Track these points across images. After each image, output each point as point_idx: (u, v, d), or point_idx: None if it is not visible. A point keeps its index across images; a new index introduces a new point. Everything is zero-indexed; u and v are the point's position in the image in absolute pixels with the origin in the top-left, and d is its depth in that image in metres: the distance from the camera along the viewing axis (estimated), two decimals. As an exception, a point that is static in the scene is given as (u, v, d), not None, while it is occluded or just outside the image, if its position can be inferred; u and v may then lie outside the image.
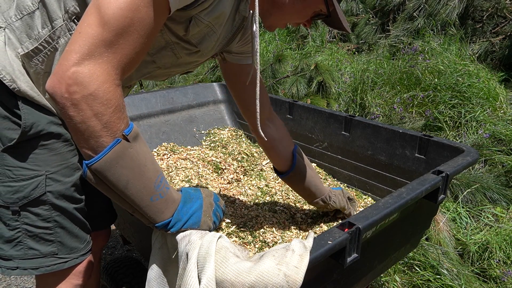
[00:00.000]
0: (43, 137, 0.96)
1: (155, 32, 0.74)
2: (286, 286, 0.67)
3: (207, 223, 0.89)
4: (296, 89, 3.32)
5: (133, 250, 2.30)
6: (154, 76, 1.06)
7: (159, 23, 0.74)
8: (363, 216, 0.87)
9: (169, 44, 0.90)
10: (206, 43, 0.92)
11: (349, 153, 1.71)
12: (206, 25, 0.86)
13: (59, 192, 0.99)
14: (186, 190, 0.92)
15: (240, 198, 1.60)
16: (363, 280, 1.15)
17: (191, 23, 0.83)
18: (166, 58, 0.95)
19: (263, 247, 1.29)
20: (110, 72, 0.68)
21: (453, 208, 2.14)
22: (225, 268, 0.69)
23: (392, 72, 3.35)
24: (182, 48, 0.92)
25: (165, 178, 0.83)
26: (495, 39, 3.90)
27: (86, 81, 0.66)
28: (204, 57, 1.03)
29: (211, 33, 0.90)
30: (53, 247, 1.01)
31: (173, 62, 0.98)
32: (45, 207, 0.98)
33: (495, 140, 2.56)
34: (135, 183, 0.75)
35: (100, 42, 0.67)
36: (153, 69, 1.00)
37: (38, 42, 0.89)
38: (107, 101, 0.68)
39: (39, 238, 0.99)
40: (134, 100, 2.05)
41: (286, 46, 4.88)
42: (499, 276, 1.82)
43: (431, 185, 1.04)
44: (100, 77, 0.67)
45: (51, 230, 1.00)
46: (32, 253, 0.99)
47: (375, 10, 5.28)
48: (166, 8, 0.73)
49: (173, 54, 0.94)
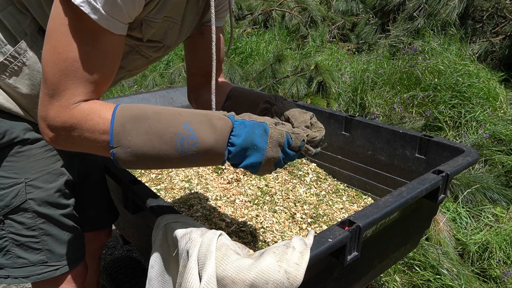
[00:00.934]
0: (19, 144, 0.94)
1: (114, 53, 0.75)
2: (287, 283, 0.67)
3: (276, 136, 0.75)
4: (296, 89, 3.32)
5: (133, 250, 2.30)
6: (130, 75, 1.06)
7: (115, 49, 0.75)
8: (364, 215, 0.87)
9: (133, 47, 0.89)
10: (170, 36, 0.91)
11: (349, 153, 1.71)
12: (163, 21, 0.84)
13: (42, 199, 0.97)
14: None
15: (240, 198, 1.60)
16: (363, 279, 1.15)
17: (142, 26, 0.82)
18: (135, 61, 0.94)
19: (263, 247, 1.29)
20: (67, 106, 0.71)
21: (453, 208, 2.14)
22: (225, 265, 0.69)
23: (392, 72, 3.35)
24: (147, 47, 0.91)
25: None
26: (495, 39, 3.90)
27: (56, 131, 0.72)
28: (176, 45, 1.00)
29: (172, 25, 0.88)
30: (42, 256, 0.99)
31: (144, 63, 0.98)
32: (28, 215, 0.96)
33: (495, 140, 2.56)
34: (157, 131, 0.72)
35: (50, 89, 0.71)
36: (125, 73, 0.99)
37: (4, 57, 0.88)
38: (81, 124, 0.71)
39: (26, 247, 0.98)
40: (134, 100, 2.05)
41: (286, 46, 4.88)
42: (499, 276, 1.82)
43: (431, 184, 1.04)
44: (61, 118, 0.71)
45: (37, 238, 0.98)
46: (21, 262, 0.98)
47: (375, 10, 5.28)
48: (112, 35, 0.72)
49: (141, 56, 0.93)
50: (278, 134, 0.74)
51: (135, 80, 4.52)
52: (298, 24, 5.22)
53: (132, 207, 1.06)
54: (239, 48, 4.78)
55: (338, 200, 1.61)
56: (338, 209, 1.54)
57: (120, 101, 1.96)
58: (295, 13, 5.36)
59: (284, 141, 0.74)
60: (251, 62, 4.40)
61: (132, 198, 1.04)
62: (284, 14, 5.46)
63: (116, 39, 0.74)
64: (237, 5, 5.65)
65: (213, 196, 1.60)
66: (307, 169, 1.81)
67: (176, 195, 1.64)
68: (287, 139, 0.75)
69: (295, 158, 0.79)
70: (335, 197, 1.63)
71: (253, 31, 5.35)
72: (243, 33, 5.15)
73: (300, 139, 0.76)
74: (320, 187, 1.70)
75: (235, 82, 3.79)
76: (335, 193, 1.66)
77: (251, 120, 0.75)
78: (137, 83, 4.44)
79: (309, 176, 1.76)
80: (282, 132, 0.75)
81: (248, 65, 4.27)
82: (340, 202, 1.59)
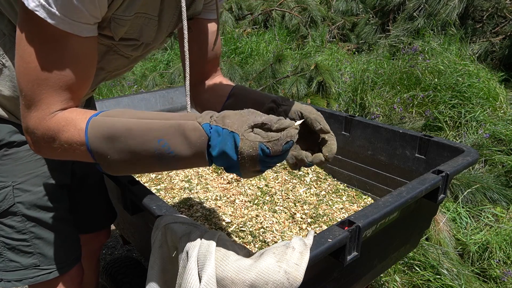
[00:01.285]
0: (5, 147, 0.93)
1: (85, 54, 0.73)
2: (287, 283, 0.67)
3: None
4: (296, 89, 3.32)
5: (133, 250, 2.30)
6: (115, 76, 1.01)
7: (83, 51, 0.72)
8: (363, 215, 0.87)
9: (110, 47, 0.85)
10: (147, 33, 0.86)
11: (349, 153, 1.71)
12: (135, 18, 0.79)
13: (30, 202, 0.96)
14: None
15: (240, 198, 1.60)
16: (363, 279, 1.15)
17: (111, 25, 0.77)
18: (114, 61, 0.91)
19: (263, 247, 1.29)
20: (44, 117, 0.71)
21: (453, 208, 2.14)
22: (225, 265, 0.69)
23: (392, 72, 3.35)
24: (125, 46, 0.87)
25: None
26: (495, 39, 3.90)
27: (37, 141, 0.73)
28: (158, 42, 0.95)
29: (147, 21, 0.83)
30: (34, 259, 0.98)
31: (125, 63, 0.94)
32: (17, 218, 0.95)
33: (495, 140, 2.56)
34: (134, 141, 0.69)
35: (26, 101, 0.71)
36: (106, 74, 0.96)
37: None
38: (58, 136, 0.71)
39: (18, 251, 0.97)
40: (133, 100, 2.05)
41: (286, 46, 4.88)
42: (499, 276, 1.82)
43: (431, 184, 1.04)
44: (40, 129, 0.71)
45: (28, 242, 0.97)
46: (14, 265, 0.97)
47: (375, 10, 5.28)
48: (79, 38, 0.69)
49: (120, 56, 0.89)
50: (248, 148, 0.64)
51: (135, 80, 4.52)
52: (298, 24, 5.22)
53: (131, 208, 1.06)
54: (239, 48, 4.77)
55: (338, 200, 1.61)
56: (338, 209, 1.54)
57: (120, 101, 1.96)
58: (295, 13, 5.36)
59: (258, 154, 0.65)
60: (251, 62, 4.40)
61: (131, 199, 1.04)
62: (284, 14, 5.46)
63: (85, 42, 0.70)
64: (237, 5, 5.65)
65: (213, 196, 1.60)
66: (307, 169, 1.81)
67: (176, 195, 1.64)
68: (261, 150, 0.65)
69: (283, 159, 0.70)
70: (335, 197, 1.63)
71: (253, 31, 5.35)
72: (243, 33, 5.15)
73: (281, 143, 0.65)
74: (320, 187, 1.70)
75: (235, 82, 3.79)
76: (335, 193, 1.66)
77: (225, 128, 0.66)
78: (137, 83, 4.44)
79: (309, 176, 1.76)
80: (254, 145, 0.64)
81: (248, 65, 4.27)
82: (340, 202, 1.59)
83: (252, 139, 0.65)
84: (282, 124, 0.67)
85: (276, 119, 0.67)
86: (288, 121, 0.67)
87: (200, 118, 0.68)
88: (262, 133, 0.66)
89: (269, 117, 0.68)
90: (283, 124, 0.67)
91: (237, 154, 0.65)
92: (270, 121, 0.67)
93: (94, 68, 0.76)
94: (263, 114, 0.69)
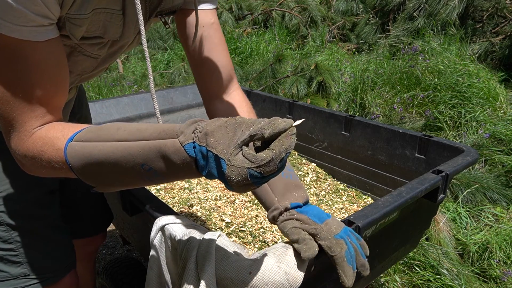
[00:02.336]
0: None
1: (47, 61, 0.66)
2: (287, 284, 0.67)
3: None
4: (296, 89, 3.32)
5: (133, 250, 2.30)
6: (87, 78, 0.95)
7: (46, 56, 0.65)
8: (363, 215, 0.87)
9: (73, 47, 0.78)
10: (112, 29, 0.78)
11: (349, 153, 1.70)
12: (94, 15, 0.71)
13: (15, 211, 0.92)
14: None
15: (240, 198, 1.60)
16: (362, 279, 1.15)
17: (66, 25, 0.69)
18: (81, 63, 0.83)
19: (263, 247, 1.29)
20: (22, 137, 0.67)
21: (453, 208, 2.13)
22: (225, 266, 0.69)
23: (392, 72, 3.35)
24: (89, 46, 0.79)
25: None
26: (495, 39, 3.90)
27: (20, 161, 0.70)
28: (128, 38, 0.86)
29: (110, 17, 0.75)
30: (23, 269, 0.95)
31: (93, 63, 0.86)
32: (2, 228, 0.92)
33: (495, 140, 2.56)
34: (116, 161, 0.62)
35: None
36: (75, 77, 0.89)
37: None
38: (39, 157, 0.67)
39: (6, 260, 0.94)
40: (133, 100, 2.04)
41: (286, 46, 4.88)
42: (499, 276, 1.82)
43: (431, 184, 1.04)
44: (20, 150, 0.68)
45: (15, 251, 0.94)
46: (3, 275, 0.94)
47: (375, 10, 5.28)
48: (36, 44, 0.63)
49: (86, 56, 0.81)
50: (237, 176, 0.55)
51: (135, 80, 4.51)
52: (298, 24, 5.22)
53: (131, 208, 1.05)
54: (239, 48, 4.77)
55: (338, 200, 1.61)
56: (338, 209, 1.54)
57: (120, 101, 1.96)
58: (295, 13, 5.36)
59: (247, 178, 0.55)
60: (251, 62, 4.40)
61: (130, 200, 1.04)
62: (284, 14, 5.46)
63: (45, 47, 0.64)
64: (237, 5, 5.65)
65: (213, 196, 1.60)
66: (307, 169, 1.81)
67: (176, 195, 1.63)
68: (250, 175, 0.55)
69: (280, 172, 0.59)
70: (335, 197, 1.63)
71: (253, 31, 5.35)
72: (243, 33, 5.15)
73: (276, 163, 0.54)
74: (320, 187, 1.70)
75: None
76: (335, 193, 1.66)
77: (209, 151, 0.57)
78: (137, 83, 4.44)
79: (309, 176, 1.76)
80: (242, 171, 0.55)
81: (248, 65, 4.27)
82: (340, 202, 1.59)
83: (239, 164, 0.54)
84: (276, 128, 0.55)
85: (268, 122, 0.56)
86: (283, 123, 0.56)
87: (182, 136, 0.59)
88: (250, 156, 0.55)
89: (258, 124, 0.56)
90: (277, 128, 0.55)
91: (225, 181, 0.57)
92: (260, 129, 0.55)
93: (65, 72, 0.70)
94: (252, 123, 0.58)
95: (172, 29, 5.60)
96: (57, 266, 1.01)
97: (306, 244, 0.70)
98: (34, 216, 0.96)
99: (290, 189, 0.81)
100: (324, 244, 0.72)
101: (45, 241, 0.99)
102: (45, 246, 0.98)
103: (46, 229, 0.99)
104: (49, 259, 0.99)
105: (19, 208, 0.93)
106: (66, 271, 1.04)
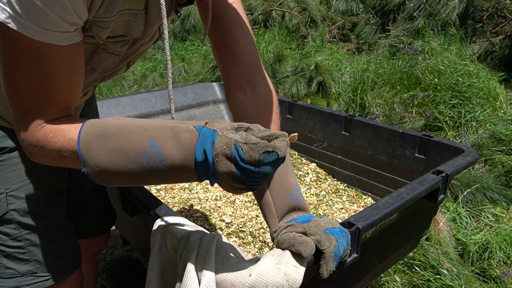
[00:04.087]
0: None
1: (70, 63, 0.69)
2: (287, 285, 0.67)
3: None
4: (296, 89, 3.32)
5: (133, 250, 2.30)
6: (109, 76, 0.96)
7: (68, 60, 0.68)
8: (363, 216, 0.87)
9: (98, 45, 0.80)
10: (135, 28, 0.80)
11: (349, 153, 1.70)
12: (119, 16, 0.74)
13: (25, 209, 0.93)
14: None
15: (240, 198, 1.60)
16: (362, 280, 1.15)
17: (93, 28, 0.72)
18: (105, 60, 0.85)
19: (263, 247, 1.29)
20: (32, 129, 0.69)
21: (453, 208, 2.13)
22: (225, 268, 0.69)
23: (392, 72, 3.35)
24: (113, 43, 0.81)
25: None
26: (495, 39, 3.90)
27: (28, 150, 0.71)
28: (148, 37, 0.88)
29: (133, 17, 0.77)
30: (30, 266, 0.96)
31: (116, 60, 0.88)
32: (12, 226, 0.93)
33: (495, 140, 2.56)
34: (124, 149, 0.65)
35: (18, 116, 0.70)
36: (98, 75, 0.91)
37: None
38: (48, 147, 0.69)
39: (13, 258, 0.95)
40: (133, 100, 2.04)
41: (286, 46, 4.88)
42: (499, 276, 1.82)
43: (431, 185, 1.04)
44: (29, 140, 0.70)
45: (23, 249, 0.95)
46: (10, 272, 0.95)
47: (375, 10, 5.28)
48: (60, 48, 0.65)
49: (109, 53, 0.84)
50: (223, 145, 0.58)
51: (135, 80, 4.51)
52: (298, 24, 5.22)
53: (131, 209, 1.05)
54: (239, 48, 4.76)
55: (338, 200, 1.61)
56: (338, 209, 1.54)
57: (120, 101, 1.96)
58: (295, 13, 5.36)
59: (232, 152, 0.58)
60: (251, 62, 4.39)
61: (130, 201, 1.04)
62: (284, 14, 5.46)
63: (67, 51, 0.66)
64: (237, 5, 5.63)
65: (213, 196, 1.60)
66: (307, 169, 1.81)
67: (176, 195, 1.63)
68: (236, 150, 0.57)
69: (266, 176, 0.61)
70: (335, 197, 1.63)
71: (253, 31, 5.35)
72: (243, 33, 5.14)
73: (259, 150, 0.57)
74: (320, 187, 1.70)
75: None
76: (335, 193, 1.66)
77: (210, 129, 0.62)
78: (137, 83, 4.44)
79: (309, 176, 1.76)
80: (230, 142, 0.58)
81: (248, 65, 4.26)
82: (340, 202, 1.59)
83: (230, 136, 0.58)
84: (267, 131, 0.59)
85: (264, 129, 0.61)
86: (278, 132, 0.60)
87: (196, 123, 0.65)
88: (243, 134, 0.59)
89: (258, 125, 0.62)
90: (268, 131, 0.59)
91: (212, 153, 0.60)
92: (256, 126, 0.61)
93: (81, 76, 0.73)
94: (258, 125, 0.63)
95: (172, 29, 5.60)
96: (64, 264, 1.02)
97: (302, 243, 0.72)
98: (43, 215, 0.97)
99: (293, 212, 0.84)
100: (313, 239, 0.73)
101: (53, 240, 1.00)
102: (52, 244, 1.00)
103: (54, 228, 1.00)
104: (56, 257, 1.01)
105: (28, 207, 0.94)
106: (72, 269, 1.05)
